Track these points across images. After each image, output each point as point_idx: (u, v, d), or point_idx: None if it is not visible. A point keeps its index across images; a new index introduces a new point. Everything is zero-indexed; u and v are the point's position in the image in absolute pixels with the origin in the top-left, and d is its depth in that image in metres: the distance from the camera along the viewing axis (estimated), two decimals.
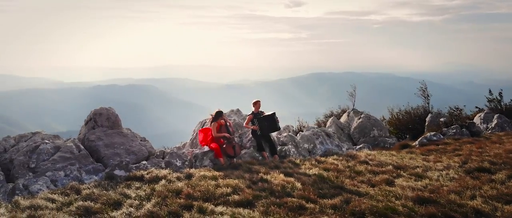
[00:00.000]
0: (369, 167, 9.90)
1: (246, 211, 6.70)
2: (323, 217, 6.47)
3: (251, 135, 11.71)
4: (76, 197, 7.28)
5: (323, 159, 10.79)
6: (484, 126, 17.79)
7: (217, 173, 8.93)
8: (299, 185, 8.08)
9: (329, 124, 17.20)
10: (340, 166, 9.98)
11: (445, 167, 9.99)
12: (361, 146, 13.87)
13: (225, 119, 11.07)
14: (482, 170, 9.25)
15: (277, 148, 11.90)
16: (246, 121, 11.53)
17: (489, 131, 16.96)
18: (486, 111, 18.77)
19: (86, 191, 7.57)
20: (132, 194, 7.46)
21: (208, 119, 11.38)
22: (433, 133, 15.03)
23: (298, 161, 10.58)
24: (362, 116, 17.32)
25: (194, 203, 6.95)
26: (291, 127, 15.14)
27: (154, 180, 8.34)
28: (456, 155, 11.58)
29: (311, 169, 9.60)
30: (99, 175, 9.06)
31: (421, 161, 10.86)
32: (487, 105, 19.91)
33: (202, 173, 8.95)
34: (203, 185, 7.90)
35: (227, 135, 10.58)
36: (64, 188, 7.82)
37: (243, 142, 11.89)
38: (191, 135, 12.95)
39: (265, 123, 11.21)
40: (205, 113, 12.37)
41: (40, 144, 9.56)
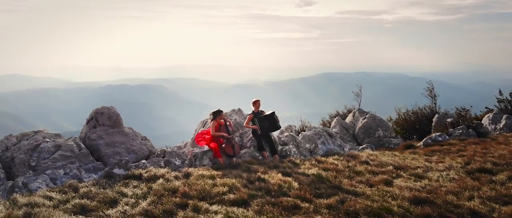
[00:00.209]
0: (369, 167, 9.82)
1: (240, 210, 6.70)
2: (316, 216, 6.44)
3: (251, 135, 11.71)
4: (74, 195, 7.35)
5: (323, 159, 10.73)
6: (492, 126, 17.53)
7: (216, 172, 8.94)
8: (296, 184, 8.06)
9: (333, 124, 17.10)
10: (340, 166, 9.92)
11: (446, 167, 9.87)
12: (364, 146, 13.77)
13: (225, 118, 11.07)
14: (483, 171, 9.12)
15: (278, 147, 11.87)
16: (246, 120, 11.53)
17: (497, 132, 16.71)
18: (495, 111, 18.51)
19: (84, 189, 7.63)
20: (129, 193, 7.50)
21: (209, 118, 11.40)
22: (438, 134, 14.86)
23: (298, 160, 10.53)
24: (367, 116, 17.17)
25: (190, 201, 6.98)
26: (293, 126, 15.08)
27: (152, 179, 8.37)
28: (460, 155, 11.42)
29: (310, 169, 9.55)
30: (98, 174, 9.13)
31: (423, 161, 10.73)
32: (496, 106, 19.63)
33: (200, 172, 8.97)
34: (200, 184, 7.92)
35: (225, 134, 10.58)
36: (63, 186, 7.90)
37: (243, 141, 11.88)
38: (193, 134, 12.99)
39: (265, 123, 11.18)
40: None
41: (41, 142, 9.66)
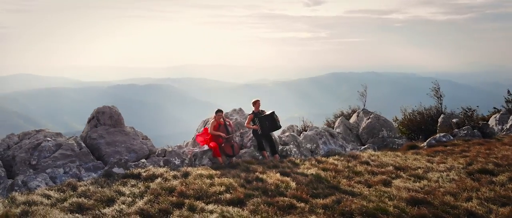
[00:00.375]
0: (369, 168, 9.77)
1: (236, 209, 6.72)
2: (311, 216, 6.43)
3: (252, 134, 11.70)
4: (72, 193, 7.42)
5: (323, 159, 10.70)
6: (499, 127, 17.32)
7: (214, 172, 8.96)
8: (293, 184, 8.05)
9: (337, 124, 17.01)
10: (340, 166, 9.88)
11: (447, 168, 9.77)
12: (366, 146, 13.69)
13: (225, 118, 11.08)
14: (484, 172, 9.02)
15: (278, 147, 11.84)
16: (247, 120, 11.53)
17: (503, 132, 16.49)
18: (502, 112, 18.28)
19: (82, 188, 7.70)
20: (127, 192, 7.55)
21: (210, 118, 11.43)
22: (442, 134, 14.72)
23: (298, 160, 10.51)
24: (371, 116, 17.04)
25: (186, 201, 7.02)
26: (295, 126, 15.04)
27: (150, 178, 8.42)
28: (463, 156, 11.29)
29: (309, 169, 9.53)
30: (98, 173, 9.19)
31: (424, 162, 10.63)
32: (503, 106, 19.38)
33: (199, 171, 8.99)
34: (197, 184, 7.94)
35: (222, 134, 10.58)
36: (61, 184, 7.97)
37: (244, 141, 11.88)
38: (194, 133, 13.02)
39: (265, 122, 11.18)
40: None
41: (42, 141, 9.76)
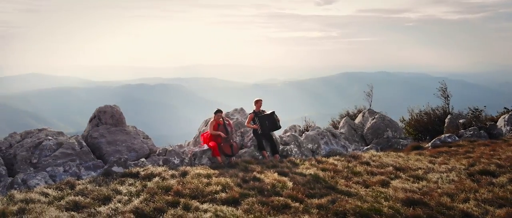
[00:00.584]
0: (369, 168, 9.69)
1: (230, 208, 6.73)
2: (304, 216, 6.41)
3: (252, 134, 11.70)
4: (70, 192, 7.49)
5: (324, 159, 10.66)
6: (507, 128, 17.05)
7: (212, 171, 8.98)
8: (290, 184, 8.03)
9: (342, 124, 16.92)
10: (339, 166, 9.82)
11: (449, 169, 9.65)
12: (369, 146, 13.59)
13: (224, 118, 11.10)
14: (485, 173, 8.89)
15: (279, 147, 11.82)
16: (247, 120, 11.53)
17: (511, 133, 16.23)
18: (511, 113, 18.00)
19: (80, 186, 7.77)
20: (124, 190, 7.60)
21: (211, 118, 11.46)
22: (448, 135, 14.55)
23: (298, 160, 10.48)
24: (376, 116, 16.91)
25: (181, 200, 7.05)
26: (297, 126, 14.99)
27: (148, 177, 8.46)
28: (466, 157, 11.14)
29: (309, 169, 9.50)
30: (97, 171, 9.28)
31: (426, 162, 10.52)
32: None
33: (197, 171, 9.02)
34: (194, 183, 7.97)
35: (221, 133, 10.60)
36: (60, 183, 8.06)
37: (244, 140, 11.89)
38: (197, 133, 13.07)
39: (266, 122, 11.17)
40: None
41: (43, 140, 9.88)
